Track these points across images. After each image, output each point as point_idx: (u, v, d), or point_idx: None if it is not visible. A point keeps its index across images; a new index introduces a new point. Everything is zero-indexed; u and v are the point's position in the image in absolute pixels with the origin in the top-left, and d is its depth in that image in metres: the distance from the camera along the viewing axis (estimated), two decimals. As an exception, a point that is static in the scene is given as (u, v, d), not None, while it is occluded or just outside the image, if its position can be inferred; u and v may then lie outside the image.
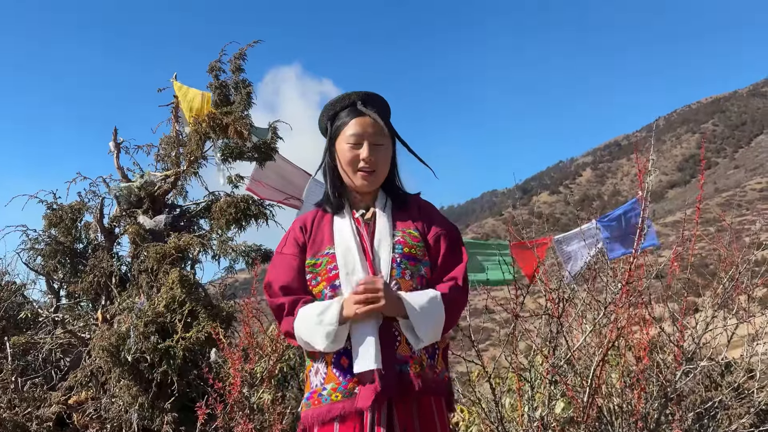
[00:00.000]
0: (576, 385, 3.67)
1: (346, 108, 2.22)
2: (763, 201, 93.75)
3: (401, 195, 2.29)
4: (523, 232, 6.03)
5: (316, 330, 2.02)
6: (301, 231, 2.23)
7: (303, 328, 2.06)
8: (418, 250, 2.15)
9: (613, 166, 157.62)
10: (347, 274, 2.09)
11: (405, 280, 2.10)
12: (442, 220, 2.28)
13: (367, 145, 2.16)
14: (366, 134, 2.17)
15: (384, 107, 2.28)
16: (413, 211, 2.26)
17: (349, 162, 2.18)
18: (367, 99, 2.23)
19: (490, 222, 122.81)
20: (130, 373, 4.91)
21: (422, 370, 2.06)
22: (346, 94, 2.24)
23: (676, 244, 3.87)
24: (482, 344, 10.49)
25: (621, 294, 3.42)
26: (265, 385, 4.28)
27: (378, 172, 2.20)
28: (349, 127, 2.18)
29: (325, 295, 2.12)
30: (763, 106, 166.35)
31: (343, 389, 2.03)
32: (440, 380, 2.12)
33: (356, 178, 2.19)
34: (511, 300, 3.66)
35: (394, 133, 2.26)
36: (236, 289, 8.12)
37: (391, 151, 2.24)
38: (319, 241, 2.19)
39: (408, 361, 2.04)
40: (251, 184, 6.59)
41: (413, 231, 2.19)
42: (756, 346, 3.90)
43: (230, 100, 5.96)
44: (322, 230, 2.21)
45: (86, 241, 6.21)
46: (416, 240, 2.17)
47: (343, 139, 2.19)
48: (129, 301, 5.40)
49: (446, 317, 2.08)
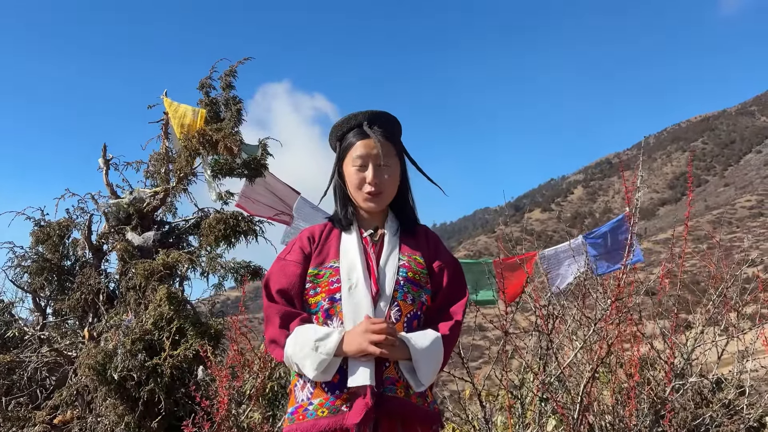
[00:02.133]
0: (567, 402, 3.65)
1: (353, 129, 2.23)
2: (752, 218, 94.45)
3: (411, 220, 2.29)
4: (515, 250, 6.04)
5: (309, 356, 1.99)
6: (308, 241, 2.23)
7: (297, 349, 2.03)
8: (422, 277, 2.16)
9: (605, 184, 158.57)
10: (350, 289, 2.08)
11: (406, 303, 2.10)
12: (447, 254, 2.29)
13: (372, 167, 2.17)
14: (371, 156, 2.17)
15: (391, 126, 2.27)
16: (421, 239, 2.27)
17: (356, 185, 2.19)
18: (374, 119, 2.23)
19: (482, 239, 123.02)
20: (117, 392, 4.85)
21: (408, 396, 2.04)
22: (353, 115, 2.24)
23: (666, 260, 3.88)
24: (475, 362, 10.43)
25: (610, 310, 3.41)
26: (253, 403, 4.23)
27: (384, 194, 2.20)
28: (355, 149, 2.19)
29: (321, 307, 2.10)
30: (752, 125, 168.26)
31: (330, 405, 2.00)
32: (429, 411, 2.10)
33: (363, 200, 2.20)
34: (501, 317, 3.65)
35: (402, 150, 2.28)
36: (227, 307, 8.07)
37: (399, 171, 2.24)
38: (325, 253, 2.19)
39: (395, 384, 2.03)
40: (241, 201, 6.57)
41: (419, 257, 2.20)
42: (746, 362, 3.89)
43: (220, 116, 5.95)
44: (329, 243, 2.22)
45: (74, 258, 6.16)
46: (421, 266, 2.18)
47: (349, 161, 2.21)
48: (116, 318, 5.34)
49: (444, 358, 2.09)
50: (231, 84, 5.92)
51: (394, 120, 2.28)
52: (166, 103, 6.41)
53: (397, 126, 2.30)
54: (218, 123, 5.81)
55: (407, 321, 2.09)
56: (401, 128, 2.31)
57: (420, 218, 2.36)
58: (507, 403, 3.64)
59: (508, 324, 3.59)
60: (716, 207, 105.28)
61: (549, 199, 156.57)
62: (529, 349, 4.25)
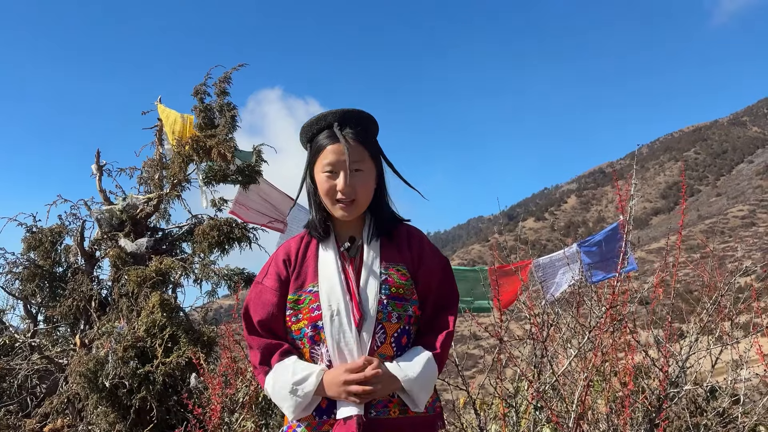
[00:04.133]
0: (561, 410, 3.63)
1: (323, 129, 2.04)
2: (745, 228, 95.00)
3: (389, 222, 2.12)
4: (509, 258, 6.03)
5: (286, 398, 1.93)
6: (284, 264, 2.09)
7: (275, 390, 1.97)
8: (406, 290, 2.03)
9: (598, 193, 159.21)
10: (331, 317, 1.97)
11: (391, 323, 1.99)
12: (433, 254, 2.14)
13: (343, 174, 1.99)
14: (341, 162, 1.98)
15: (365, 125, 2.07)
16: (402, 243, 2.11)
17: (326, 193, 2.02)
18: (345, 119, 2.03)
19: (476, 248, 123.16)
20: (108, 400, 4.81)
21: (404, 411, 1.97)
22: (323, 114, 2.06)
23: (660, 269, 3.88)
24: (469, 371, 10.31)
25: (605, 318, 3.40)
26: (246, 411, 4.19)
27: (358, 201, 2.03)
28: (324, 155, 2.01)
29: (305, 334, 2.00)
30: (744, 135, 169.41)
31: (317, 430, 1.95)
32: (428, 416, 2.02)
33: (335, 209, 2.04)
34: (495, 325, 3.64)
35: (378, 152, 2.09)
36: (221, 314, 8.03)
37: (374, 174, 2.06)
38: (303, 275, 2.06)
39: (387, 405, 1.96)
40: (235, 207, 6.54)
41: (401, 268, 2.06)
42: (740, 371, 3.89)
43: (215, 123, 5.94)
44: (307, 263, 2.09)
45: (66, 264, 6.12)
46: (404, 278, 2.04)
47: (319, 167, 2.03)
48: (108, 325, 5.30)
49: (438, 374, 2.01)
50: (225, 90, 5.92)
51: (368, 118, 2.08)
52: (160, 109, 6.40)
53: (372, 125, 2.10)
54: (212, 129, 5.80)
55: (395, 340, 1.99)
56: (377, 126, 2.12)
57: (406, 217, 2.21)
58: (501, 412, 3.62)
59: (503, 332, 3.58)
60: (709, 216, 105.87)
61: (543, 208, 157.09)
62: (524, 358, 4.24)
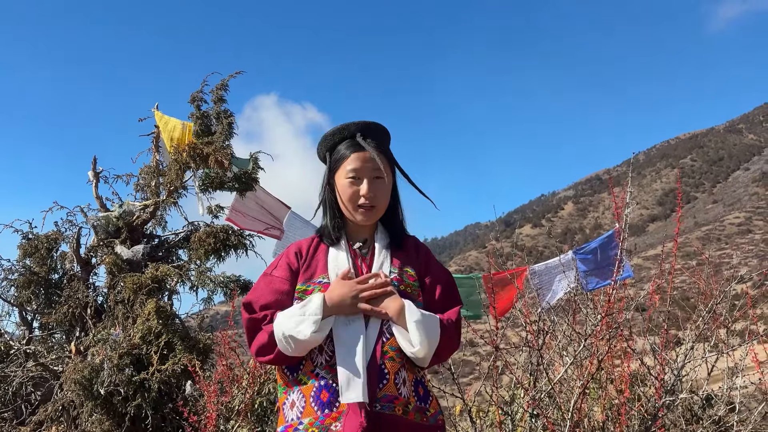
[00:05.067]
0: (557, 418, 3.63)
1: (345, 140, 2.18)
2: (741, 235, 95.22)
3: (400, 233, 2.25)
4: (506, 265, 6.03)
5: (301, 321, 1.95)
6: (295, 256, 2.17)
7: (287, 324, 1.97)
8: (414, 290, 2.12)
9: (595, 200, 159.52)
10: None
11: None
12: (439, 266, 2.24)
13: (367, 180, 2.12)
14: (365, 169, 2.12)
15: (384, 137, 2.23)
16: (411, 251, 2.22)
17: (350, 198, 2.13)
18: (367, 130, 2.18)
19: (473, 254, 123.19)
20: (103, 407, 4.79)
21: (406, 413, 1.97)
22: (345, 125, 2.19)
23: (656, 276, 3.89)
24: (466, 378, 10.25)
25: (601, 325, 3.41)
26: (241, 419, 4.18)
27: (378, 207, 2.16)
28: (349, 162, 2.13)
29: None
30: (740, 142, 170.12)
31: (320, 425, 1.93)
32: (430, 426, 2.03)
33: (356, 213, 2.15)
34: (492, 333, 3.64)
35: (394, 163, 2.22)
36: (217, 321, 8.01)
37: (391, 183, 2.20)
38: (314, 267, 2.14)
39: (393, 402, 1.96)
40: (231, 214, 6.54)
41: (410, 270, 2.15)
42: (736, 379, 3.89)
43: (212, 130, 5.94)
44: (317, 257, 2.16)
45: (62, 271, 6.11)
46: (412, 279, 2.14)
47: (342, 173, 2.15)
48: (104, 332, 5.29)
49: (440, 343, 2.02)
50: (222, 98, 5.92)
51: (385, 131, 2.24)
52: (157, 116, 6.40)
53: (388, 137, 2.26)
54: (209, 137, 5.80)
55: None
56: (390, 138, 2.27)
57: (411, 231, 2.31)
58: (497, 420, 3.62)
59: (499, 339, 3.58)
60: (705, 223, 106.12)
61: (539, 215, 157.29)
62: (520, 365, 4.24)
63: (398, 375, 2.00)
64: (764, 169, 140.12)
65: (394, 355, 2.00)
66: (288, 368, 2.06)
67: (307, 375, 2.01)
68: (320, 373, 1.99)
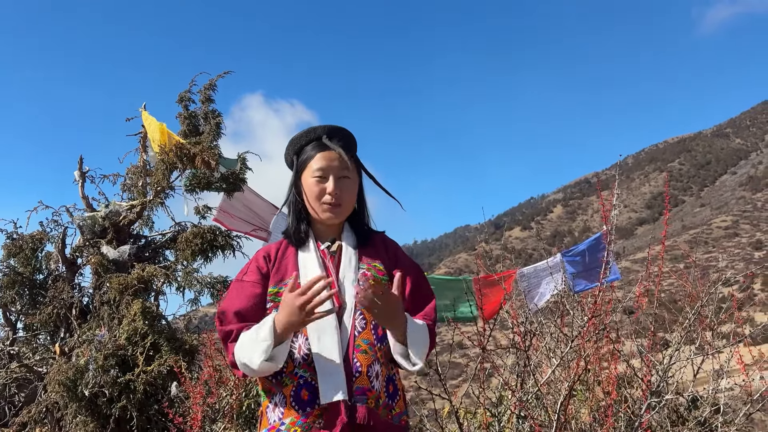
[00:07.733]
0: (544, 420, 3.63)
1: (311, 142, 2.23)
2: (728, 238, 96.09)
3: (367, 231, 2.28)
4: (495, 267, 6.04)
5: (254, 347, 1.94)
6: (264, 260, 2.19)
7: (242, 346, 1.98)
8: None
9: (584, 203, 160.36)
10: None
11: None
12: (408, 259, 2.28)
13: (333, 179, 2.15)
14: (331, 168, 2.16)
15: (349, 140, 2.27)
16: (379, 247, 2.25)
17: (315, 196, 2.16)
18: (332, 133, 2.22)
19: (463, 257, 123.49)
20: (88, 409, 4.74)
21: (376, 407, 1.99)
22: (311, 128, 2.23)
23: (643, 279, 3.90)
24: (455, 380, 10.28)
25: (588, 327, 3.41)
26: (227, 420, 4.15)
27: (344, 206, 2.18)
28: (315, 161, 2.17)
29: None
30: (727, 147, 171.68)
31: (302, 423, 1.96)
32: (394, 425, 2.05)
33: (322, 211, 2.17)
34: (480, 335, 3.63)
35: (360, 166, 2.26)
36: (205, 323, 7.96)
37: (357, 185, 2.23)
38: (283, 269, 2.15)
39: (366, 393, 1.98)
40: (218, 215, 6.50)
41: (378, 265, 2.18)
42: (721, 381, 3.90)
43: (200, 130, 5.91)
44: (287, 259, 2.18)
45: (47, 271, 6.05)
46: (381, 274, 2.15)
47: (308, 173, 2.18)
48: (89, 333, 5.24)
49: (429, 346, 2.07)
50: (210, 98, 5.89)
51: (351, 135, 2.28)
52: (144, 116, 6.36)
53: (354, 141, 2.29)
54: (197, 137, 5.77)
55: (374, 326, 2.06)
56: (357, 144, 2.32)
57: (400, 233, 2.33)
58: (485, 421, 3.61)
59: (486, 341, 3.58)
60: (693, 227, 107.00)
61: (529, 218, 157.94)
62: (507, 367, 4.23)
63: (371, 368, 2.01)
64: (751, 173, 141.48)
65: (366, 348, 2.02)
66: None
67: (289, 376, 2.01)
68: (299, 372, 2.00)
